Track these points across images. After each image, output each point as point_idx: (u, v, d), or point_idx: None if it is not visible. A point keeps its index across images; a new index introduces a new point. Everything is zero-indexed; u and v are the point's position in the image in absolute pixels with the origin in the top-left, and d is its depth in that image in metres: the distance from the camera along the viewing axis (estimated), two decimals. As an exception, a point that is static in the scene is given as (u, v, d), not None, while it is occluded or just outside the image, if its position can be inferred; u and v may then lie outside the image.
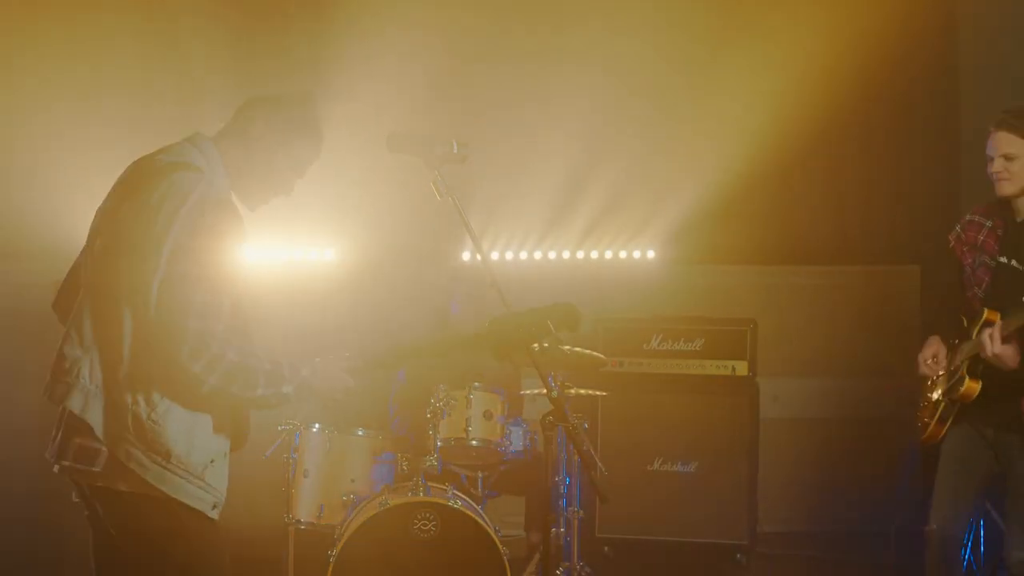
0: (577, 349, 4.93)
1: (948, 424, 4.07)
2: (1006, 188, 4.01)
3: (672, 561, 5.94)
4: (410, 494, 4.60)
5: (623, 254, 6.65)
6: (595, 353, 5.07)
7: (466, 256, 6.42)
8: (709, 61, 6.35)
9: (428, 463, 4.72)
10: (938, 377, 4.24)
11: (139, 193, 2.83)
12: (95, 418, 2.76)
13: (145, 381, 2.77)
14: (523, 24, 6.35)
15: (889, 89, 6.40)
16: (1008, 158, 3.96)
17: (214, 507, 2.89)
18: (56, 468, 2.87)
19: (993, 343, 3.82)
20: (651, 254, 6.66)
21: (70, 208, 5.65)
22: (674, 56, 6.32)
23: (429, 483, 4.72)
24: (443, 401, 4.89)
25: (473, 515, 4.59)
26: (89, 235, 2.98)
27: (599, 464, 5.24)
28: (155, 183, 2.81)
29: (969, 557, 5.40)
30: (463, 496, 4.77)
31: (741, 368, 6.03)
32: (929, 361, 4.20)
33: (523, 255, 6.60)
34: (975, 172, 6.51)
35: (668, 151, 6.50)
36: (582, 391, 4.97)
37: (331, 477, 4.86)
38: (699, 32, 6.34)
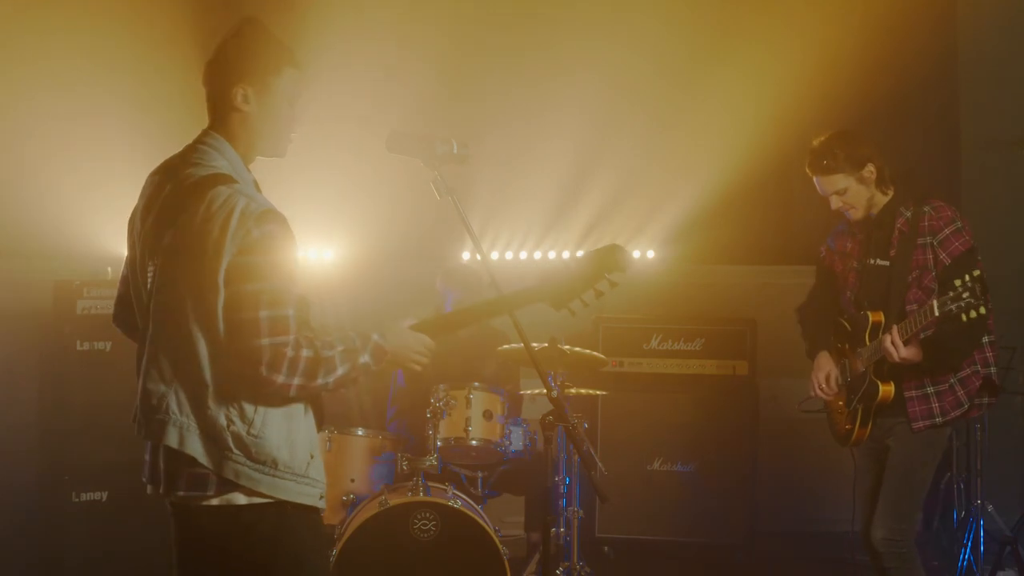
0: (577, 349, 4.93)
1: (870, 425, 4.15)
2: (855, 215, 4.18)
3: (672, 561, 5.94)
4: (410, 494, 4.61)
5: (623, 254, 6.64)
6: (595, 353, 5.08)
7: (466, 256, 6.42)
8: (709, 62, 6.35)
9: (428, 463, 4.73)
10: (840, 388, 4.31)
11: (181, 217, 2.79)
12: (195, 448, 2.77)
13: (234, 400, 2.78)
14: (524, 25, 6.36)
15: (889, 89, 6.39)
16: (840, 193, 4.13)
17: (321, 497, 2.93)
18: (168, 502, 2.88)
19: (898, 350, 3.92)
20: (651, 254, 6.66)
21: (71, 208, 5.67)
22: (674, 56, 6.32)
23: (429, 483, 4.72)
24: (443, 401, 4.90)
25: (473, 515, 4.59)
26: (134, 250, 2.94)
27: (599, 464, 5.24)
28: (194, 204, 2.77)
29: (969, 558, 5.41)
30: (463, 496, 4.77)
31: (741, 368, 6.04)
32: (823, 385, 4.33)
33: (523, 255, 6.60)
34: (975, 172, 6.55)
35: (668, 150, 6.50)
36: (582, 391, 4.97)
37: (331, 477, 4.85)
38: (698, 35, 6.35)
